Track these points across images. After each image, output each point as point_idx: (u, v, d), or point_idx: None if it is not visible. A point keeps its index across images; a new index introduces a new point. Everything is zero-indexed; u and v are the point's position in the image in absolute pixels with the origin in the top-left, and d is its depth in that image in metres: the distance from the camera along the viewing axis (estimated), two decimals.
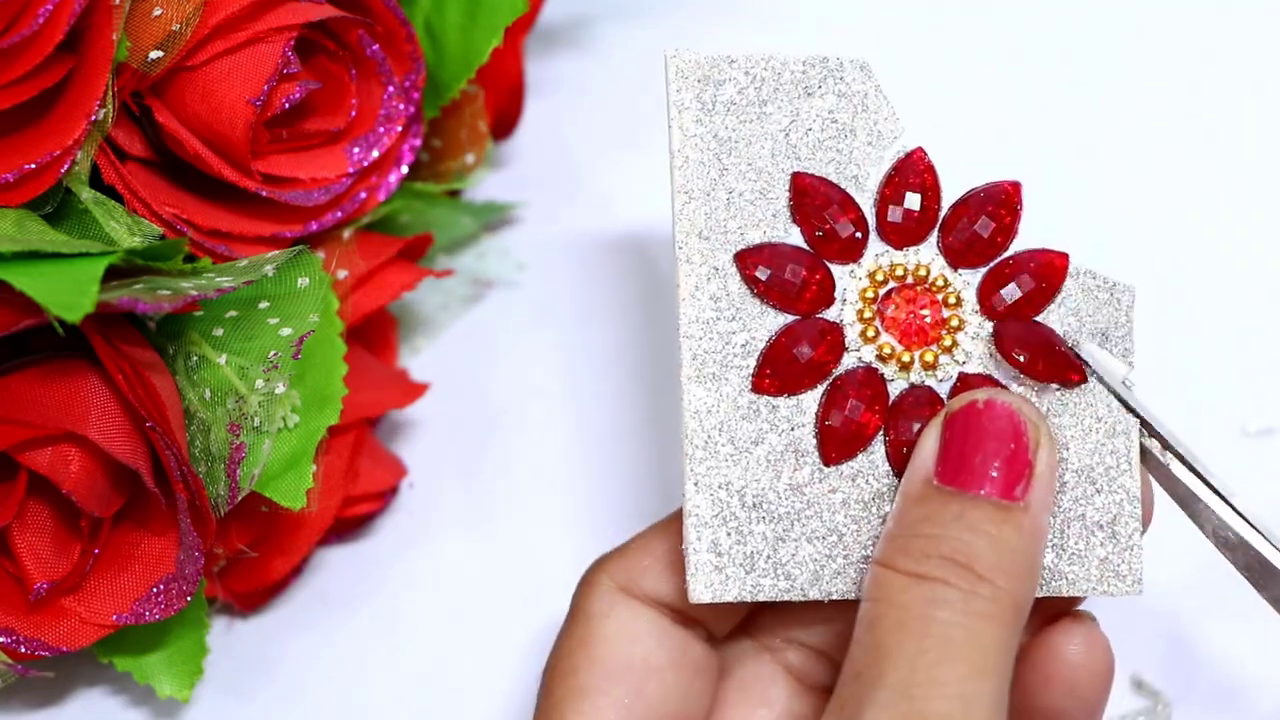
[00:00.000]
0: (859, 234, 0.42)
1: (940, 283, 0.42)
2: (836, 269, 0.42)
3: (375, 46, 0.48)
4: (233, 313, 0.46)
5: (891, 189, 0.42)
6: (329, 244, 0.50)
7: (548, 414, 0.54)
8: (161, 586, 0.46)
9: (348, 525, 0.52)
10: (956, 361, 0.42)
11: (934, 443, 0.40)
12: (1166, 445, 0.42)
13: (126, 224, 0.45)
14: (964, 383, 0.42)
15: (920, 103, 0.58)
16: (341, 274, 0.49)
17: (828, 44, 0.59)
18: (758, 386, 0.41)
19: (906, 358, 0.41)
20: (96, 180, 0.46)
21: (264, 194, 0.47)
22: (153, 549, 0.46)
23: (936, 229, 0.42)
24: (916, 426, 0.41)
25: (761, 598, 0.41)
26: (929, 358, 0.41)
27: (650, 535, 0.43)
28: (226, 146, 0.46)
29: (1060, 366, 0.41)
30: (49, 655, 0.46)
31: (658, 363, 0.55)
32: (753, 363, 0.41)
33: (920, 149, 0.42)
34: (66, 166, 0.44)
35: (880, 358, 0.41)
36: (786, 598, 0.41)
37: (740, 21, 0.60)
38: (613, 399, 0.55)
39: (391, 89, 0.49)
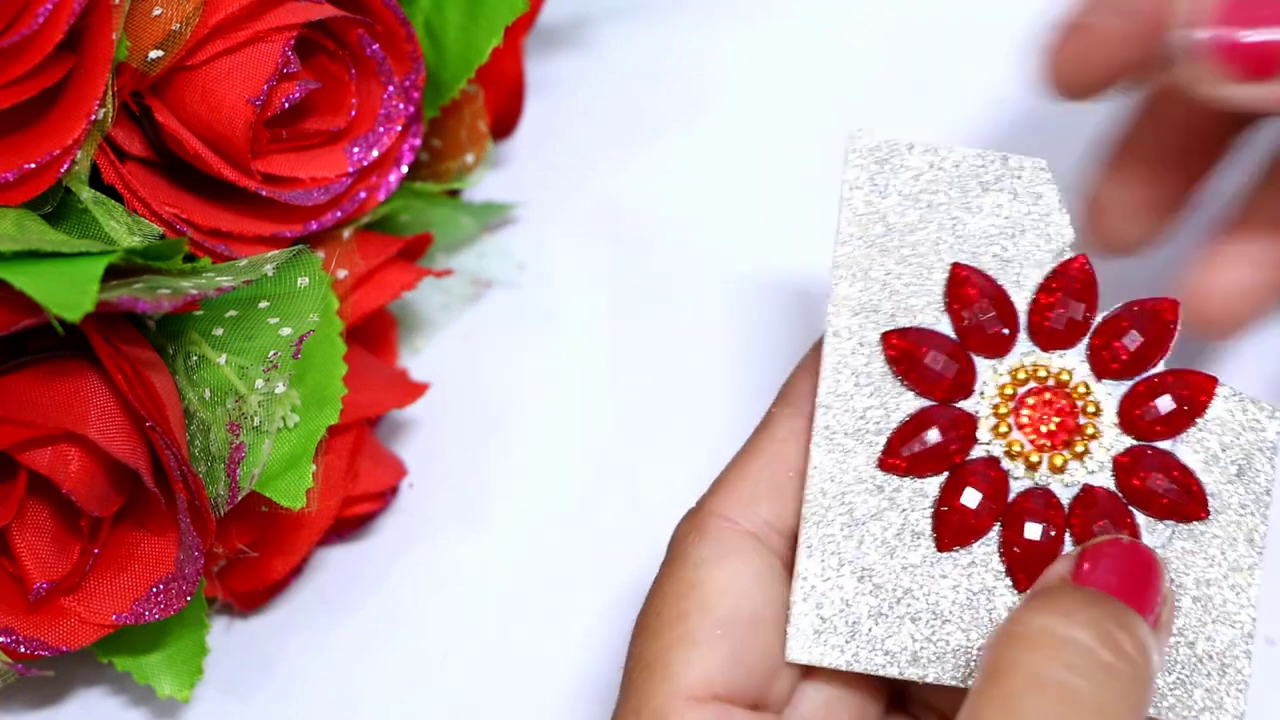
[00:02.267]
0: (1007, 330, 0.42)
1: (1082, 389, 0.42)
2: (980, 362, 0.42)
3: (375, 46, 0.48)
4: (232, 312, 0.46)
5: (1046, 292, 0.42)
6: (329, 244, 0.50)
7: (548, 414, 0.54)
8: (161, 586, 0.46)
9: (348, 525, 0.52)
10: (1086, 470, 0.42)
11: (1066, 564, 0.40)
12: None
13: (126, 224, 0.45)
14: (1087, 494, 0.42)
15: (920, 103, 0.58)
16: (341, 274, 0.49)
17: (827, 44, 0.59)
18: (884, 464, 0.42)
19: (1035, 458, 0.42)
20: (96, 180, 0.46)
21: (264, 194, 0.47)
22: (152, 549, 0.46)
23: (1087, 337, 0.42)
24: (1038, 528, 0.41)
25: (858, 669, 0.41)
26: (1058, 461, 0.41)
27: (743, 464, 0.43)
28: (226, 146, 0.46)
29: (1182, 504, 0.41)
30: (48, 655, 0.46)
31: (658, 363, 0.55)
32: (883, 440, 0.42)
33: (1084, 256, 0.42)
34: (66, 166, 0.44)
35: (1009, 454, 0.42)
36: (883, 673, 0.41)
37: (740, 21, 0.60)
38: (613, 399, 0.55)
39: (391, 89, 0.49)
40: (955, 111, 0.58)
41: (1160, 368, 0.42)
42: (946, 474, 0.42)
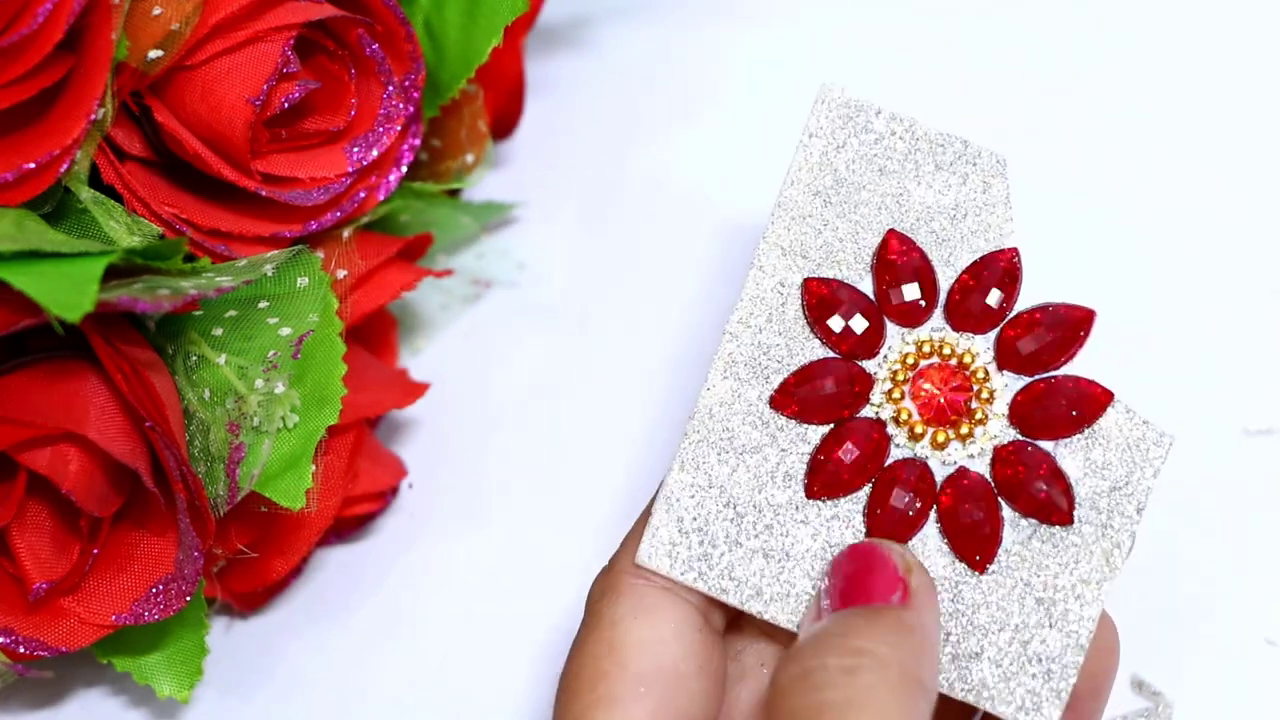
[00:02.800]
0: (924, 303, 0.42)
1: (981, 375, 0.42)
2: (892, 328, 0.42)
3: (375, 46, 0.48)
4: (232, 312, 0.46)
5: (971, 275, 0.42)
6: (328, 244, 0.50)
7: (548, 414, 0.54)
8: (161, 587, 0.46)
9: (348, 525, 0.52)
10: (966, 452, 0.42)
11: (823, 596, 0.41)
12: None
13: (126, 223, 0.45)
14: (960, 475, 0.42)
15: (920, 103, 0.58)
16: (341, 274, 0.49)
17: (827, 44, 0.59)
18: (775, 401, 0.42)
19: (920, 430, 0.42)
20: (96, 180, 0.46)
21: (263, 194, 0.47)
22: (152, 549, 0.46)
23: (998, 327, 0.42)
24: (905, 498, 0.42)
25: (700, 588, 0.42)
26: (940, 438, 0.42)
27: (646, 511, 0.43)
28: (226, 146, 0.46)
29: (1049, 506, 0.42)
30: (48, 655, 0.46)
31: (658, 362, 0.55)
32: (779, 380, 0.42)
33: (1015, 250, 0.42)
34: (66, 166, 0.44)
35: (896, 420, 0.42)
36: (723, 599, 0.42)
37: (740, 21, 0.60)
38: (613, 399, 0.55)
39: (391, 88, 0.49)
40: (955, 112, 0.58)
41: (1063, 371, 0.42)
42: (832, 425, 0.42)
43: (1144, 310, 0.54)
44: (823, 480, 0.42)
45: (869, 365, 0.42)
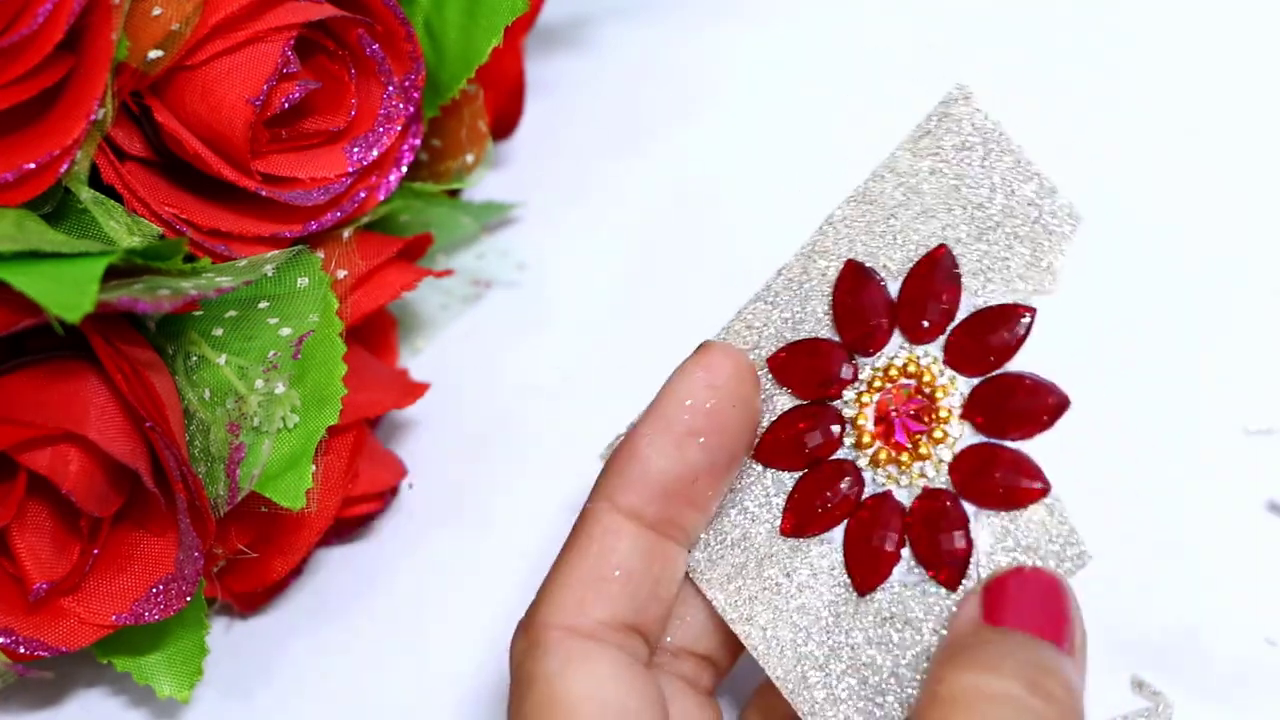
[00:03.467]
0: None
1: (929, 378, 0.42)
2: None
3: (375, 46, 0.48)
4: (232, 313, 0.46)
5: (911, 287, 0.43)
6: (329, 244, 0.50)
7: (548, 414, 0.54)
8: (161, 587, 0.46)
9: (348, 525, 0.52)
10: (925, 476, 0.42)
11: (975, 604, 0.40)
12: None
13: (126, 224, 0.45)
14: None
15: (920, 102, 0.58)
16: (341, 274, 0.49)
17: (827, 44, 0.59)
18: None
19: (883, 455, 0.42)
20: (96, 180, 0.46)
21: (263, 194, 0.47)
22: (152, 549, 0.46)
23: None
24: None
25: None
26: (883, 457, 0.42)
27: (565, 569, 0.42)
28: (226, 146, 0.46)
29: (940, 564, 0.41)
30: (48, 655, 0.46)
31: (658, 362, 0.55)
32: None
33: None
34: (66, 166, 0.44)
35: (858, 445, 0.42)
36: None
37: (740, 21, 0.60)
38: (612, 399, 0.55)
39: (391, 89, 0.49)
40: None
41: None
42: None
43: (1144, 310, 0.54)
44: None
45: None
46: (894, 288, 0.43)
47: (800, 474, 0.43)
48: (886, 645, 0.41)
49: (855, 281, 0.43)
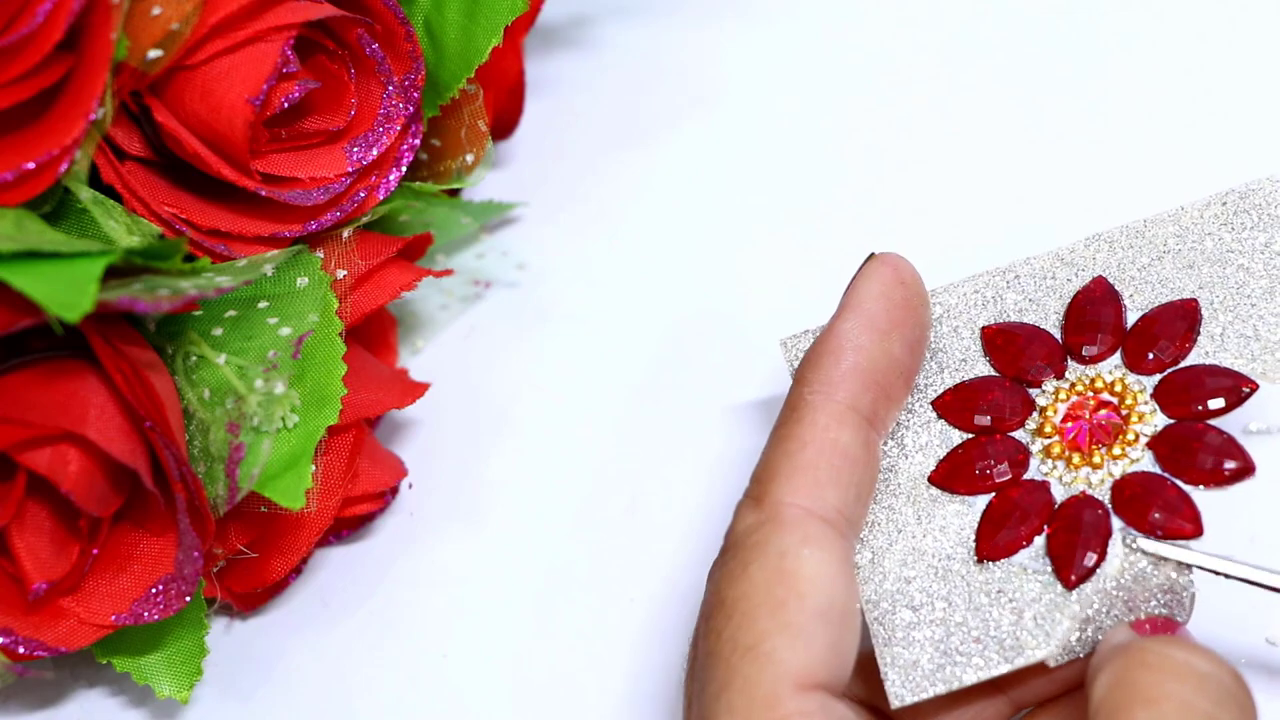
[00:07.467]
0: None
1: (1131, 402, 0.44)
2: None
3: (375, 46, 0.48)
4: (232, 312, 0.46)
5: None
6: (328, 243, 0.50)
7: (548, 414, 0.54)
8: (160, 587, 0.46)
9: (347, 525, 0.52)
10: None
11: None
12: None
13: (125, 223, 0.45)
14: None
15: (920, 102, 0.58)
16: (341, 274, 0.49)
17: (827, 44, 0.59)
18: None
19: (1056, 449, 0.43)
20: (95, 180, 0.46)
21: (263, 193, 0.47)
22: (151, 549, 0.46)
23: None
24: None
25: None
26: (1097, 459, 0.43)
27: (795, 453, 0.42)
28: (225, 146, 0.46)
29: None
30: (48, 655, 0.46)
31: (658, 362, 0.55)
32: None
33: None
34: (65, 166, 0.44)
35: (1038, 432, 0.44)
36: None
37: (740, 21, 0.60)
38: (612, 399, 0.55)
39: (391, 88, 0.49)
40: (955, 112, 0.58)
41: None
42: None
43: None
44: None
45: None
46: (1131, 318, 0.45)
47: (970, 436, 0.44)
48: (983, 615, 0.42)
49: (1101, 295, 0.45)
